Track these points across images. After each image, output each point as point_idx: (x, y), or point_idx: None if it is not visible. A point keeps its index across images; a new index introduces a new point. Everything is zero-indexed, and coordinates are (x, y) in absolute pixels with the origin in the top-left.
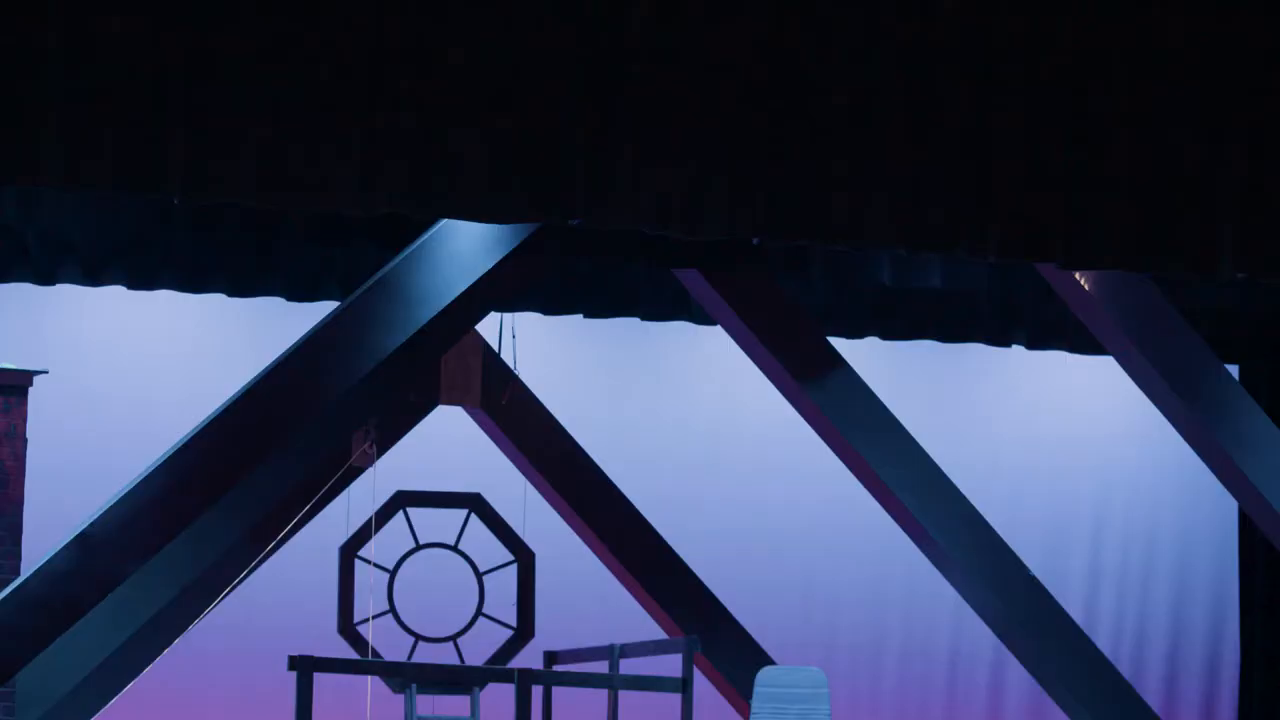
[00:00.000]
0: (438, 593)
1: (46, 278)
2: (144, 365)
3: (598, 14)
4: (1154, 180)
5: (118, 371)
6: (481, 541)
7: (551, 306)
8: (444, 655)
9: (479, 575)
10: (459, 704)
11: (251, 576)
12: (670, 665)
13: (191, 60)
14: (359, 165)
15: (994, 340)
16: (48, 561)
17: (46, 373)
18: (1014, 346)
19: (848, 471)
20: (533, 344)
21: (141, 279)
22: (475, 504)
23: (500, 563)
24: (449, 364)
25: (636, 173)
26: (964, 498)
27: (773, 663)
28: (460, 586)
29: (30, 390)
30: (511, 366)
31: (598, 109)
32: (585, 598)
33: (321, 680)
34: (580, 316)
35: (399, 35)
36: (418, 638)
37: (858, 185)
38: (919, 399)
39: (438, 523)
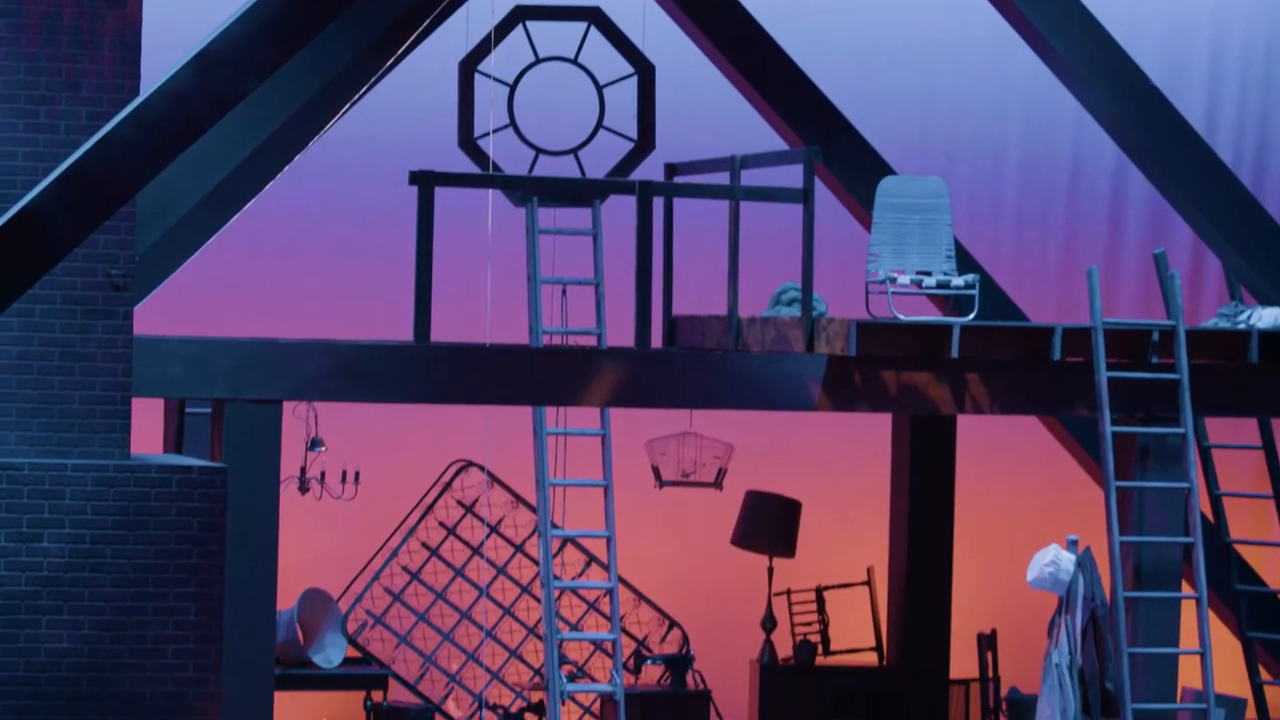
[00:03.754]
0: (558, 107)
1: None
2: None
3: None
4: None
5: None
6: (601, 54)
7: None
8: (565, 168)
9: (599, 88)
10: (580, 216)
11: (371, 92)
12: (791, 176)
13: None
14: None
15: None
16: (166, 81)
17: None
18: None
19: None
20: None
21: None
22: (595, 16)
23: (620, 75)
24: None
25: None
26: (1082, 4)
27: (893, 173)
28: (580, 100)
29: None
30: None
31: None
32: (705, 110)
33: (442, 195)
34: None
35: None
36: (538, 151)
37: None
38: None
39: (557, 36)
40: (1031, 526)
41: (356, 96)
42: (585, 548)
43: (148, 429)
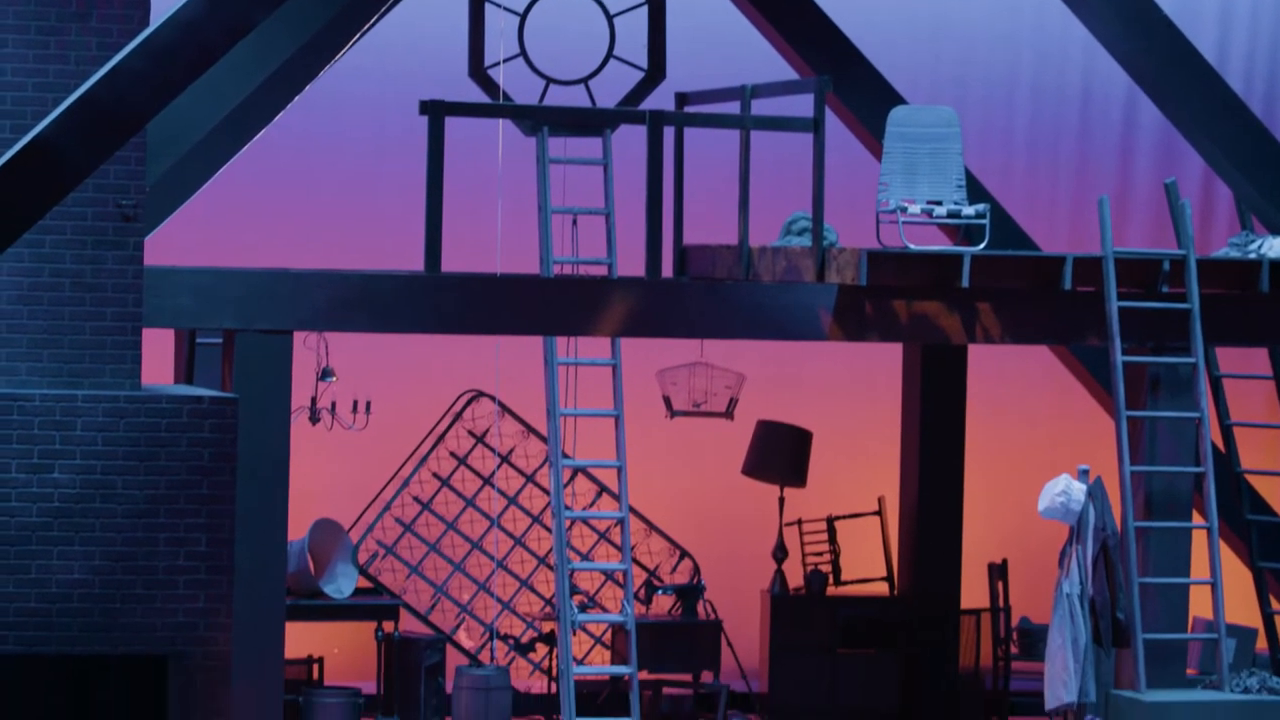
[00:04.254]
0: (568, 36)
1: None
2: None
3: None
4: None
5: None
6: None
7: None
8: (575, 98)
9: (609, 17)
10: (591, 146)
11: (381, 22)
12: (802, 106)
13: None
14: None
15: None
16: (177, 10)
17: None
18: None
19: None
20: None
21: None
22: None
23: (631, 4)
24: None
25: None
26: None
27: (904, 102)
28: (591, 29)
29: None
30: None
31: None
32: (716, 39)
33: (453, 124)
34: None
35: None
36: (549, 80)
37: None
38: None
39: None
40: (1042, 456)
41: (367, 26)
42: (596, 478)
43: (158, 360)
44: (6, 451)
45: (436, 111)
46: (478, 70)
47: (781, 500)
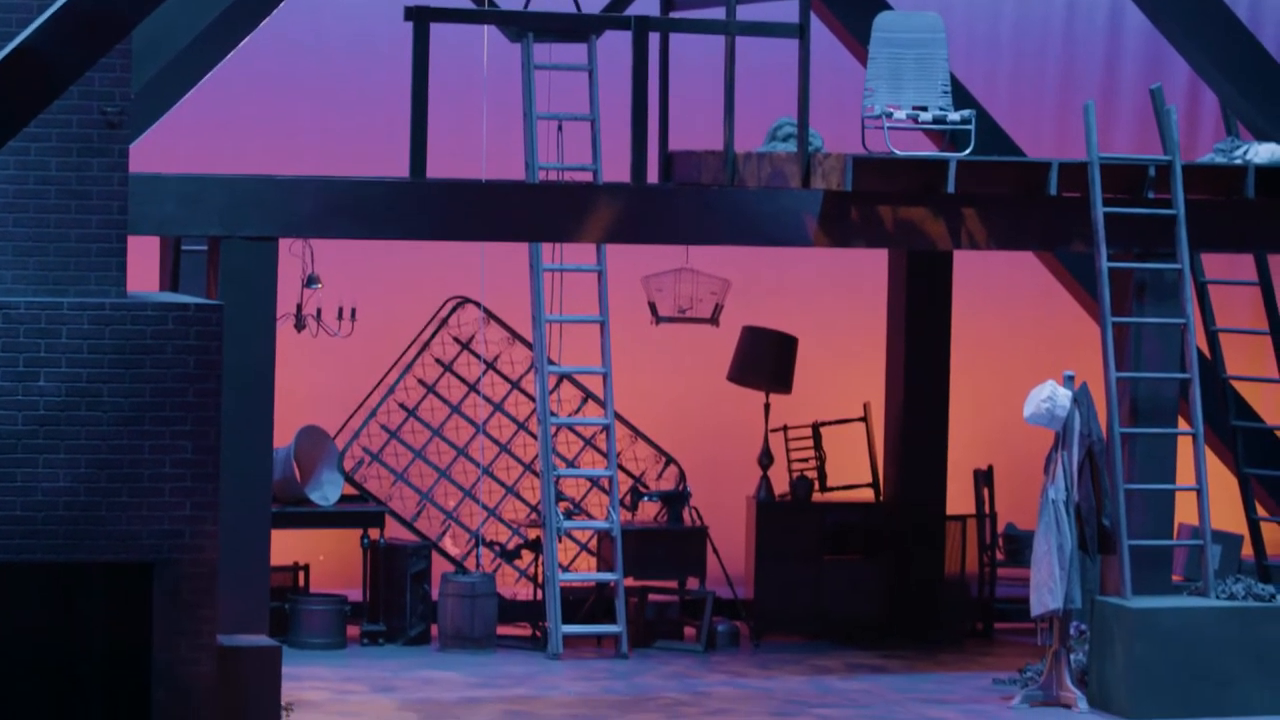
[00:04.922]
0: None
1: None
2: None
3: None
4: None
5: None
6: None
7: None
8: (560, 3)
9: None
10: (576, 51)
11: None
12: (788, 11)
13: None
14: None
15: None
16: None
17: None
18: None
19: None
20: None
21: None
22: None
23: None
24: None
25: None
26: None
27: (890, 8)
28: None
29: None
30: None
31: None
32: None
33: (438, 30)
34: None
35: None
36: None
37: None
38: None
39: None
40: (1028, 362)
41: None
42: (582, 384)
43: (144, 267)
44: None
45: (421, 17)
46: None
47: (767, 406)
